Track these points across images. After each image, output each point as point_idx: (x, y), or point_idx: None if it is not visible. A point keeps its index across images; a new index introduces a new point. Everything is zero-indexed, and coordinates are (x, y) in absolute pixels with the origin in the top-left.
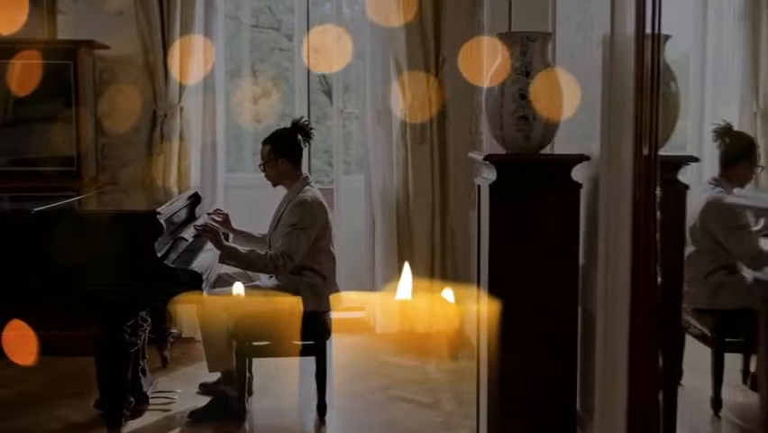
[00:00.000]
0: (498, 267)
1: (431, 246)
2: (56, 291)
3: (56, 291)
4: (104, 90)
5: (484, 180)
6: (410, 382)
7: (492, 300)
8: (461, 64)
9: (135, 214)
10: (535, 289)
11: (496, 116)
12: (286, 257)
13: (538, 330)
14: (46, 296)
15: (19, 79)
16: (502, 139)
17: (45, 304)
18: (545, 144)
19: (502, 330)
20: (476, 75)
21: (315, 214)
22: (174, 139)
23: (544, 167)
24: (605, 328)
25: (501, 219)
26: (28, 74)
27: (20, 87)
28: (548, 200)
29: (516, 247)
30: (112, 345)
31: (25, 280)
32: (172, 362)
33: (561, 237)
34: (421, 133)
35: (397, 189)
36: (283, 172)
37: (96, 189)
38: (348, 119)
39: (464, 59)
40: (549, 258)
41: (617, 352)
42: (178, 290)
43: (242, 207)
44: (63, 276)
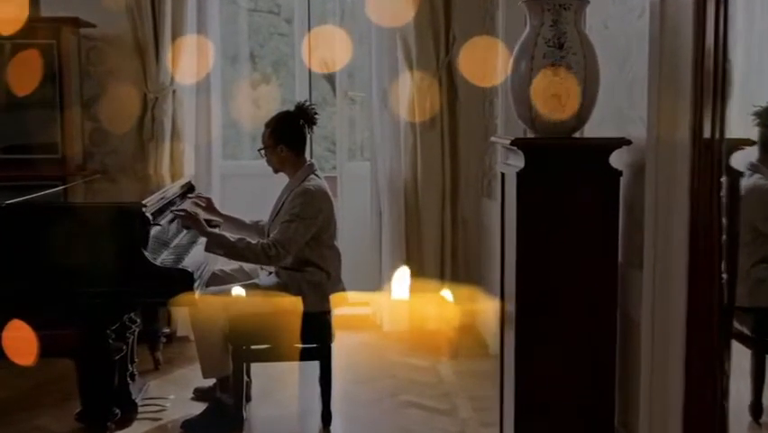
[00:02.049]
0: (526, 265)
1: (441, 237)
2: (30, 293)
3: (30, 293)
4: (90, 72)
5: (510, 168)
6: (422, 386)
7: (520, 301)
8: (473, 42)
9: (119, 207)
10: (568, 289)
11: (523, 95)
12: (279, 247)
13: (572, 336)
14: (20, 297)
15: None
16: (531, 121)
17: (19, 306)
18: (579, 127)
19: (531, 335)
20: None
21: (318, 205)
22: (166, 124)
23: (580, 152)
24: (652, 337)
25: (530, 211)
26: (8, 55)
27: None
28: (583, 190)
29: (546, 243)
30: (94, 352)
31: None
32: (165, 363)
33: (597, 232)
34: (430, 117)
35: (404, 177)
36: (283, 159)
37: (82, 178)
38: (352, 102)
39: (477, 37)
40: (584, 255)
41: (669, 364)
42: (166, 291)
43: (240, 197)
44: (38, 275)
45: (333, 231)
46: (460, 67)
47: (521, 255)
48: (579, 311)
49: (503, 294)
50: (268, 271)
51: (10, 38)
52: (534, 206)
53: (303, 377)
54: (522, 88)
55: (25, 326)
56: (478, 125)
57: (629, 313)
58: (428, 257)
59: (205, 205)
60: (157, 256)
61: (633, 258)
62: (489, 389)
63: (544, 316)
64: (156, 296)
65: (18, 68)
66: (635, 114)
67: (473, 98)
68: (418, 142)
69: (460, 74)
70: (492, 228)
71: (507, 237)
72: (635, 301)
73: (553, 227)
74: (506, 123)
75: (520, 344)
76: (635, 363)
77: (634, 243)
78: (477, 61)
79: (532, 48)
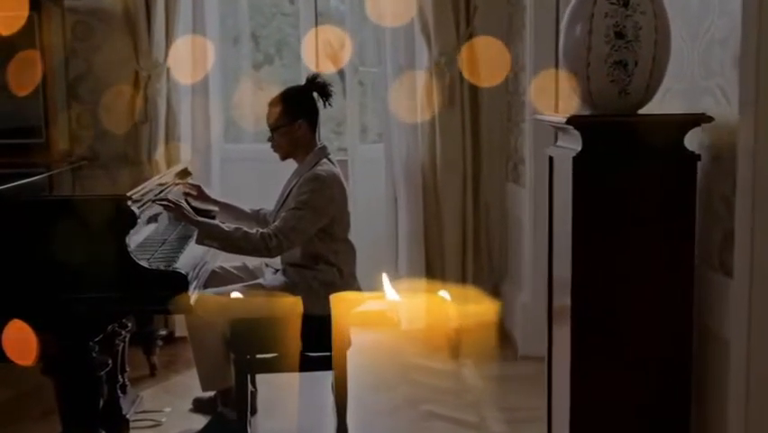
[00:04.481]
0: (583, 266)
1: (462, 225)
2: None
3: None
4: (76, 48)
5: (561, 151)
6: (445, 393)
7: (576, 306)
8: (496, 11)
9: (100, 200)
10: (634, 295)
11: (580, 64)
12: (281, 236)
13: (637, 349)
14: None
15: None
16: (588, 94)
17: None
18: (647, 101)
19: (588, 346)
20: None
21: (330, 194)
22: (160, 104)
23: (649, 132)
24: (747, 356)
25: (589, 203)
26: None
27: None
28: (653, 177)
29: (608, 240)
30: (73, 368)
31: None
32: (162, 368)
33: (670, 227)
34: (450, 94)
35: (422, 160)
36: (297, 139)
37: (68, 165)
38: (364, 77)
39: (500, 5)
40: (653, 255)
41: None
42: (156, 297)
43: (242, 184)
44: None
45: (346, 223)
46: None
47: (578, 254)
48: (646, 320)
49: (551, 293)
50: (273, 269)
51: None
52: (594, 196)
53: (314, 385)
54: (577, 56)
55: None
56: (501, 102)
57: (709, 325)
58: (449, 248)
59: (196, 193)
60: (145, 256)
61: (712, 259)
62: (522, 398)
63: (605, 324)
64: (144, 303)
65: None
66: (711, 83)
67: (497, 72)
68: (437, 121)
69: (481, 46)
70: (520, 216)
71: (556, 230)
72: (717, 312)
73: (616, 221)
74: (530, 101)
75: (577, 354)
76: (718, 386)
77: (712, 241)
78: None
79: (590, 6)
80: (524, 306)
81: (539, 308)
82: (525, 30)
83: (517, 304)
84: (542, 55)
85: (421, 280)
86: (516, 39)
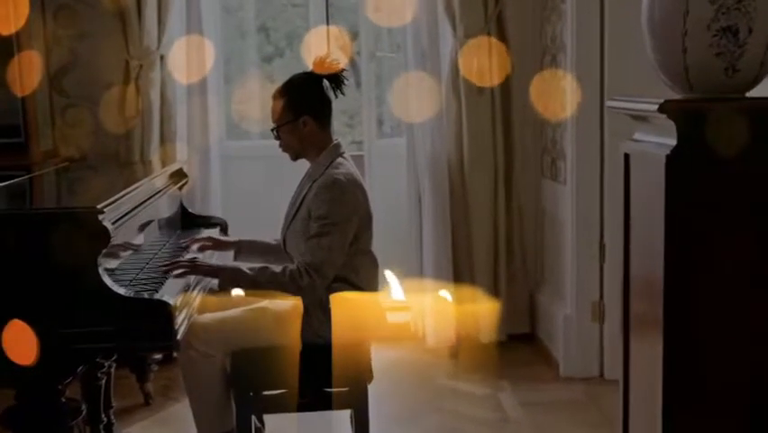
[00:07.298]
0: (680, 281)
1: (494, 227)
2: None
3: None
4: (60, 37)
5: (642, 146)
6: (481, 425)
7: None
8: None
9: (66, 213)
10: (745, 317)
11: (672, 32)
12: (313, 272)
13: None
14: None
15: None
16: (683, 71)
17: None
18: (760, 79)
19: (685, 378)
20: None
21: (353, 202)
22: (154, 97)
23: (764, 120)
24: None
25: (686, 209)
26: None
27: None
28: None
29: (710, 252)
30: (35, 420)
31: None
32: (157, 395)
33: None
34: (478, 82)
35: (448, 155)
36: (305, 137)
37: (52, 166)
38: (380, 66)
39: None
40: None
41: None
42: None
43: (246, 187)
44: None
45: (370, 232)
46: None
47: (671, 266)
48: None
49: (627, 308)
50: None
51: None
52: (693, 201)
53: (331, 420)
54: (669, 22)
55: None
56: None
57: None
58: (479, 250)
59: (212, 244)
60: (126, 278)
61: None
62: (570, 428)
63: (707, 350)
64: (120, 339)
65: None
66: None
67: (529, 55)
68: (464, 112)
69: (513, 25)
70: (559, 217)
71: (635, 235)
72: None
73: (721, 229)
74: (579, 83)
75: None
76: None
77: None
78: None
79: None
80: (566, 318)
81: (584, 320)
82: (564, 4)
83: (558, 316)
84: (585, 33)
85: (449, 287)
86: (552, 16)
